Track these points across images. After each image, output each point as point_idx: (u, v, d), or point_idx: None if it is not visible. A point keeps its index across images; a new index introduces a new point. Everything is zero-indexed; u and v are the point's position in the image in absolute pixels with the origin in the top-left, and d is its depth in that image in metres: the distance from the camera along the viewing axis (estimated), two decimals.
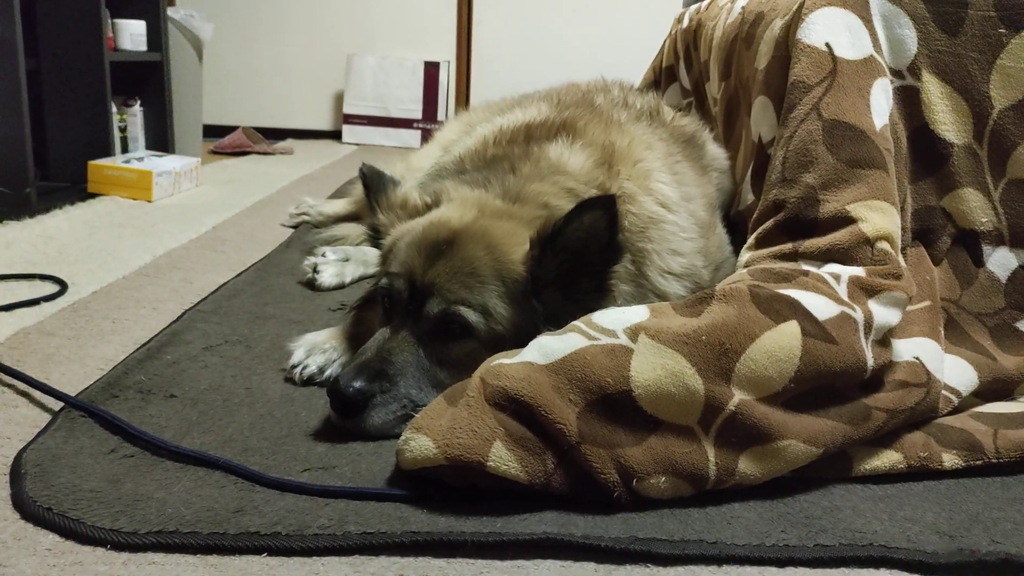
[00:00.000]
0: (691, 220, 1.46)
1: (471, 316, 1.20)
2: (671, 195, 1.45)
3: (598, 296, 1.26)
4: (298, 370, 1.38)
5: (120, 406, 1.25)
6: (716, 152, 1.84)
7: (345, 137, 5.26)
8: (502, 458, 1.00)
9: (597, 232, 1.21)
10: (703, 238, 1.48)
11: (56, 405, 1.26)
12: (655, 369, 1.06)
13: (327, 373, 1.38)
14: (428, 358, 1.22)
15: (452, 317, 1.21)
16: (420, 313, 1.22)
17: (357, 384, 1.17)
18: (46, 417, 1.22)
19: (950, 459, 1.17)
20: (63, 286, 1.86)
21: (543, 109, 1.70)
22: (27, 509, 0.98)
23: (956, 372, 1.32)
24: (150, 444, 1.13)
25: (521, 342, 1.16)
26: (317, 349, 1.41)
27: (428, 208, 1.39)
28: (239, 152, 4.52)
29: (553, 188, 1.36)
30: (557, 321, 1.20)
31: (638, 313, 1.15)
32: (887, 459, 1.15)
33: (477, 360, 1.15)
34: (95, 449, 1.12)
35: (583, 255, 1.23)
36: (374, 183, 1.45)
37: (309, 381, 1.37)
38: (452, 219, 1.29)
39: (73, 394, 1.28)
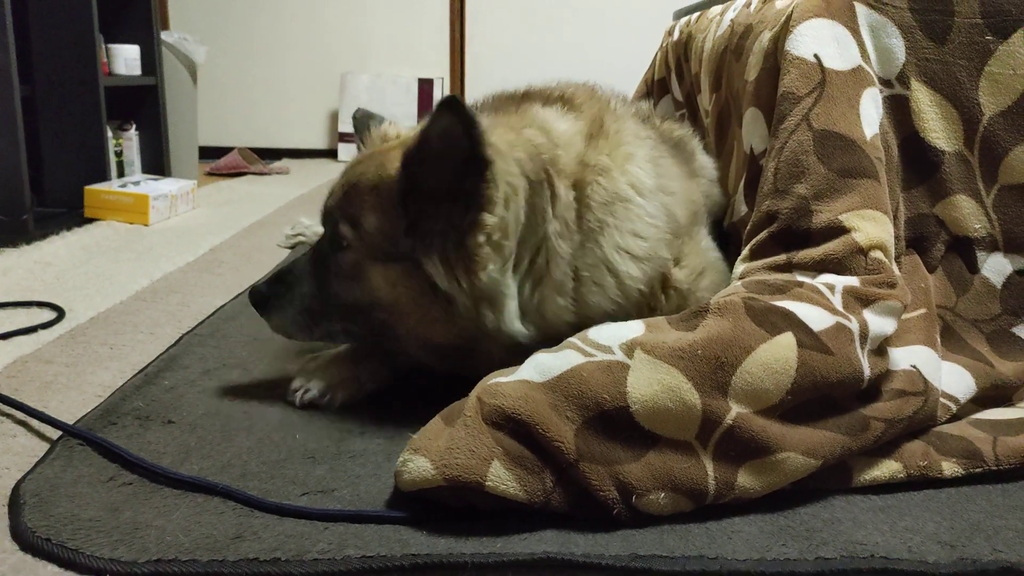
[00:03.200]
0: (662, 211, 1.42)
1: (344, 228, 1.30)
2: (647, 182, 1.41)
3: (471, 212, 1.22)
4: (299, 394, 1.38)
5: (118, 433, 1.25)
6: (705, 161, 1.82)
7: (341, 155, 5.27)
8: (500, 478, 1.00)
9: (454, 138, 1.18)
10: (673, 234, 1.44)
11: (54, 434, 1.26)
12: (652, 384, 1.06)
13: (327, 397, 1.38)
14: (325, 270, 1.35)
15: (335, 230, 1.31)
16: None
17: (262, 289, 1.39)
18: (44, 446, 1.22)
19: (950, 467, 1.16)
20: (60, 313, 1.86)
21: (545, 83, 1.67)
22: (26, 540, 0.97)
23: (954, 379, 1.32)
24: (148, 471, 1.13)
25: (391, 252, 1.26)
26: (319, 373, 1.41)
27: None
28: (235, 173, 4.54)
29: (516, 138, 1.33)
30: (423, 236, 1.24)
31: (633, 328, 1.15)
32: (887, 469, 1.15)
33: (361, 270, 1.29)
34: (93, 477, 1.12)
35: (449, 164, 1.21)
36: (360, 125, 1.53)
37: (310, 405, 1.37)
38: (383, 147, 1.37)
39: (71, 422, 1.28)
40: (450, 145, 1.19)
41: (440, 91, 5.21)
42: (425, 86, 5.19)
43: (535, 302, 1.32)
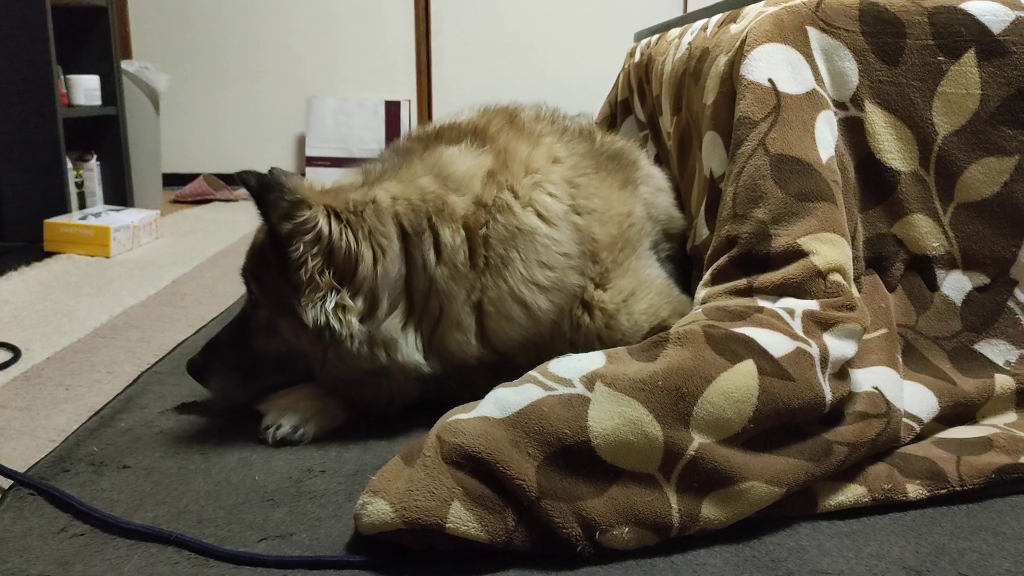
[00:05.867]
0: (573, 235, 1.42)
1: (253, 286, 1.41)
2: (555, 208, 1.42)
3: (291, 284, 1.30)
4: (271, 431, 1.35)
5: (71, 480, 1.22)
6: (651, 171, 1.79)
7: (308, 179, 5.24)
8: (461, 519, 0.98)
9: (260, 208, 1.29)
10: (589, 256, 1.45)
11: (5, 483, 1.22)
12: (613, 418, 1.04)
13: (300, 432, 1.36)
14: (248, 329, 1.42)
15: (248, 289, 1.43)
16: None
17: (197, 359, 1.43)
18: None
19: (914, 490, 1.16)
20: (16, 353, 1.82)
21: (466, 114, 1.68)
22: None
23: (916, 399, 1.32)
24: (101, 521, 1.10)
25: (289, 304, 1.30)
26: (290, 409, 1.39)
27: None
28: (201, 200, 4.49)
29: (404, 189, 1.38)
30: (271, 297, 1.36)
31: (594, 360, 1.14)
32: (851, 493, 1.15)
33: (273, 324, 1.37)
34: (44, 529, 1.09)
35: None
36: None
37: (283, 442, 1.35)
38: None
39: (23, 470, 1.25)
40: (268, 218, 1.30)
41: (407, 113, 5.19)
42: (392, 108, 5.18)
43: (436, 339, 1.37)
